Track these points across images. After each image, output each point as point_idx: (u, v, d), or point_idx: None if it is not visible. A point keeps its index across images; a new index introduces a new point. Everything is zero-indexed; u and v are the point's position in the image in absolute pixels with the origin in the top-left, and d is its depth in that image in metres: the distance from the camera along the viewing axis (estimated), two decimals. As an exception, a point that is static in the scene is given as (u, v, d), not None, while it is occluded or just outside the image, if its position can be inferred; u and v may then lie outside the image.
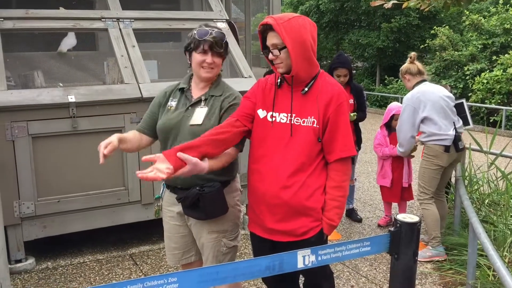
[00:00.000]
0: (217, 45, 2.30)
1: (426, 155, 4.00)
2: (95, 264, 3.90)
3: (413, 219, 1.92)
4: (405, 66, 4.15)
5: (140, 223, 4.16)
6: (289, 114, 2.15)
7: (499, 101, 13.74)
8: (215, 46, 2.29)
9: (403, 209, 4.81)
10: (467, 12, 16.97)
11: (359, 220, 4.97)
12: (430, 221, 3.98)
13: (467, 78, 15.25)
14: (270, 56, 2.12)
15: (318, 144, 2.14)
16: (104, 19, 4.29)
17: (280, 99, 2.19)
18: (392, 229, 1.94)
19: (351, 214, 5.04)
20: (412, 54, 4.17)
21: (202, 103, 2.35)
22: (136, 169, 3.97)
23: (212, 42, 2.28)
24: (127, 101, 3.91)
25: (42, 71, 4.31)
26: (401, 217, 1.93)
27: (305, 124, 2.13)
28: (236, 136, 2.17)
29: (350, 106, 4.37)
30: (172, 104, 2.40)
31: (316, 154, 2.15)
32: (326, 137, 2.14)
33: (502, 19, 16.07)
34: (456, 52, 16.10)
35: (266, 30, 2.13)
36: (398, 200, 4.76)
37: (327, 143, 2.15)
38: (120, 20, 4.33)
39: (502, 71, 13.92)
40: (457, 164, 4.24)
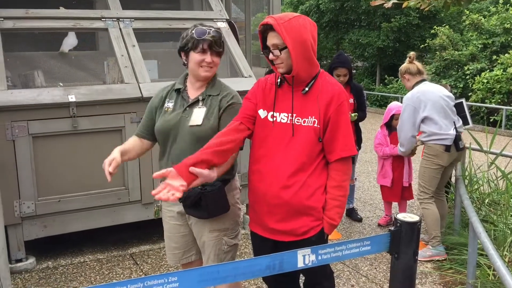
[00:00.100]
0: (216, 44, 2.30)
1: (426, 154, 4.00)
2: (95, 263, 3.91)
3: (413, 218, 1.92)
4: (404, 66, 4.14)
5: (141, 222, 4.16)
6: (289, 114, 2.15)
7: (499, 100, 13.75)
8: (214, 45, 2.29)
9: (403, 208, 4.81)
10: (467, 12, 16.98)
11: (359, 220, 4.98)
12: (430, 220, 3.98)
13: (467, 77, 15.25)
14: (271, 56, 2.12)
15: (318, 144, 2.14)
16: (104, 19, 4.29)
17: (281, 99, 2.19)
18: (392, 228, 1.93)
19: (351, 214, 5.04)
20: (411, 54, 4.17)
21: (200, 103, 2.35)
22: (136, 169, 3.98)
23: (211, 41, 2.28)
24: (127, 100, 3.91)
25: (42, 70, 4.31)
26: (401, 216, 1.93)
27: (305, 124, 2.13)
28: (241, 142, 2.19)
29: (350, 106, 4.37)
30: (169, 105, 2.39)
31: (316, 154, 2.15)
32: (327, 136, 2.14)
33: (502, 19, 16.08)
34: (456, 51, 16.10)
35: (266, 30, 2.12)
36: (399, 200, 4.77)
37: (328, 142, 2.15)
38: (120, 19, 4.33)
39: (502, 70, 13.93)
40: (457, 163, 4.24)
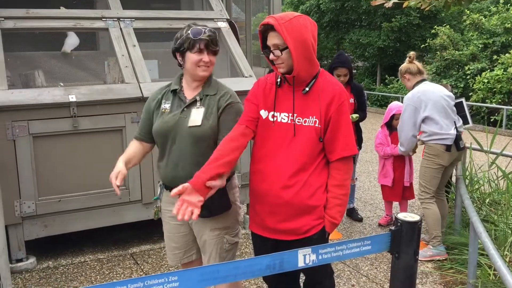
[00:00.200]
0: (212, 43, 2.30)
1: (427, 154, 4.00)
2: (96, 263, 3.91)
3: (413, 218, 1.91)
4: (404, 65, 4.14)
5: (141, 222, 4.16)
6: (290, 114, 2.14)
7: (499, 100, 13.75)
8: (210, 45, 2.30)
9: (404, 208, 4.81)
10: (468, 12, 16.97)
11: (360, 220, 4.97)
12: (431, 220, 3.98)
13: (468, 77, 15.25)
14: (271, 56, 2.11)
15: (319, 144, 2.14)
16: (105, 19, 4.29)
17: (281, 98, 2.18)
18: (393, 228, 1.93)
19: (352, 214, 5.04)
20: (411, 53, 4.16)
21: (198, 103, 2.34)
22: (137, 168, 3.98)
23: (208, 41, 2.28)
24: (127, 100, 3.91)
25: (43, 70, 4.31)
26: (402, 216, 1.93)
27: (306, 124, 2.13)
28: (246, 145, 2.21)
29: (350, 106, 4.37)
30: (166, 106, 2.38)
31: (317, 153, 2.15)
32: (328, 136, 2.14)
33: (502, 19, 16.08)
34: (456, 51, 16.10)
35: (267, 30, 2.12)
36: (399, 199, 4.76)
37: (329, 142, 2.15)
38: (120, 19, 4.33)
39: (502, 70, 13.93)
40: (457, 163, 4.24)
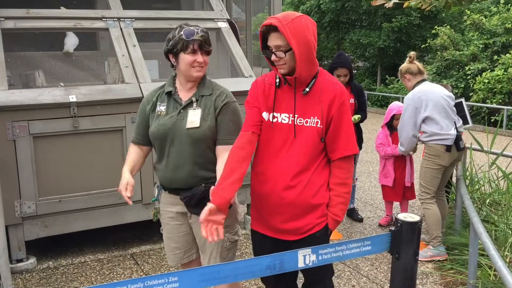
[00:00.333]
0: (205, 43, 2.30)
1: (427, 154, 3.99)
2: (96, 263, 3.91)
3: (414, 218, 1.91)
4: (404, 66, 4.13)
5: (141, 222, 4.16)
6: (291, 115, 2.14)
7: (500, 100, 13.74)
8: (204, 45, 2.29)
9: (404, 208, 4.81)
10: (468, 12, 16.96)
11: (360, 220, 4.97)
12: (431, 220, 3.97)
13: (468, 78, 15.24)
14: (273, 57, 2.09)
15: (321, 144, 2.14)
16: (105, 19, 4.29)
17: (281, 99, 2.17)
18: (393, 228, 1.93)
19: (352, 214, 5.04)
20: (412, 53, 4.16)
21: (194, 104, 2.34)
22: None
23: (201, 41, 2.28)
24: (128, 100, 3.91)
25: (43, 70, 4.31)
26: (402, 216, 1.93)
27: (308, 124, 2.12)
28: (254, 152, 2.20)
29: (350, 106, 4.37)
30: (161, 109, 2.37)
31: (319, 153, 2.16)
32: (329, 136, 2.14)
33: (503, 19, 16.06)
34: (457, 51, 16.09)
35: (269, 30, 2.09)
36: (400, 199, 4.77)
37: (330, 142, 2.15)
38: (121, 19, 4.33)
39: (503, 70, 13.92)
40: (457, 163, 4.24)
